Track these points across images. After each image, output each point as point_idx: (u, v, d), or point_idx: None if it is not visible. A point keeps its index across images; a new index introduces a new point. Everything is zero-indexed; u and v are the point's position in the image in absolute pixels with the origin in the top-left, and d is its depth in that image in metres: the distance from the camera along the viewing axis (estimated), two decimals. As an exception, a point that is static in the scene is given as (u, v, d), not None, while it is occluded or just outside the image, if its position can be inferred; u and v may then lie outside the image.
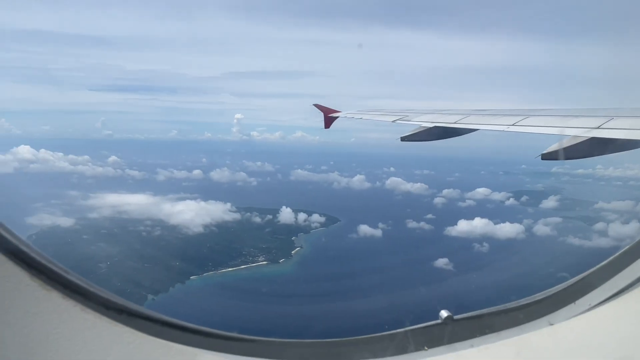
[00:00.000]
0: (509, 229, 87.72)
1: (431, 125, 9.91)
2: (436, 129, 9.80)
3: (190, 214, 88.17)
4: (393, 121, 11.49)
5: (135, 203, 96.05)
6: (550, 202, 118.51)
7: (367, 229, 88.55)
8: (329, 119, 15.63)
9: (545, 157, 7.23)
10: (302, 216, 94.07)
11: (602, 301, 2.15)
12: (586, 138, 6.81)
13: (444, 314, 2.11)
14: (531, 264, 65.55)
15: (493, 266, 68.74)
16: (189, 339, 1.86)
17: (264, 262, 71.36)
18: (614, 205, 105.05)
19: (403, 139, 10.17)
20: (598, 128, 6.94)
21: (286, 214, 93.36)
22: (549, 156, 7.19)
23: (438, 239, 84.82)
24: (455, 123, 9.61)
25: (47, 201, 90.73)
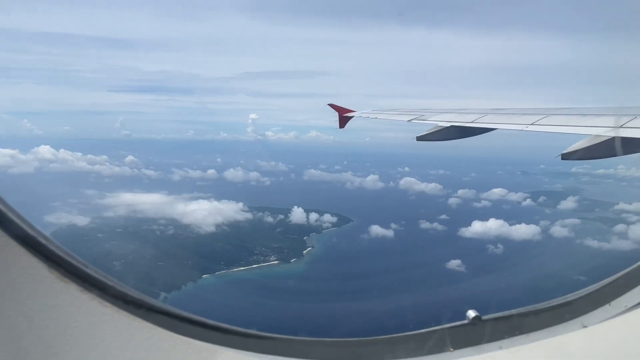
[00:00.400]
0: (524, 231, 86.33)
1: (448, 124, 9.84)
2: (453, 128, 9.72)
3: (203, 213, 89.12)
4: (409, 120, 11.45)
5: (150, 202, 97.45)
6: (569, 203, 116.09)
7: (379, 230, 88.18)
8: (343, 119, 15.65)
9: (565, 157, 7.12)
10: (314, 216, 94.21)
11: (638, 303, 2.05)
12: (608, 137, 6.68)
13: (471, 314, 2.01)
14: (545, 267, 64.54)
15: (505, 268, 67.77)
16: (208, 335, 1.84)
17: (276, 262, 71.62)
18: (635, 206, 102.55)
19: (419, 138, 10.13)
20: (621, 127, 6.79)
21: (298, 214, 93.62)
22: (569, 156, 7.07)
23: (451, 240, 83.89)
24: (472, 122, 9.51)
25: (65, 200, 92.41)
